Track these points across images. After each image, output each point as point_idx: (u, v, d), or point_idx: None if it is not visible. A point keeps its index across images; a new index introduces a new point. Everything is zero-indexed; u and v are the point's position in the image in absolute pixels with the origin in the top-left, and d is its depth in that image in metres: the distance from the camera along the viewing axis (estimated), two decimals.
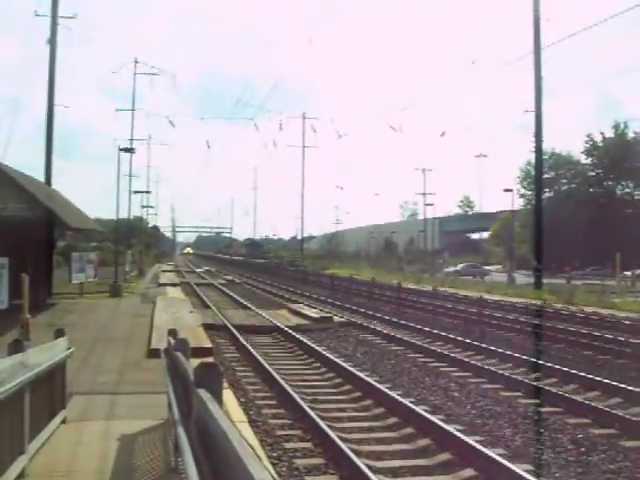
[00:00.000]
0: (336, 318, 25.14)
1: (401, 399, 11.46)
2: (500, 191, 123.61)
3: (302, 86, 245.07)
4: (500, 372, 14.80)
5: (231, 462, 2.39)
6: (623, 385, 13.08)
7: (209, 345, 16.11)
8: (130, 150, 45.02)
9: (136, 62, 53.07)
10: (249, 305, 29.69)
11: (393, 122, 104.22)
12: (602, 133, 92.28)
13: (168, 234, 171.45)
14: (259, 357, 15.80)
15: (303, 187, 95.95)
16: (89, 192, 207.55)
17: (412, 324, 23.25)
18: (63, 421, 8.34)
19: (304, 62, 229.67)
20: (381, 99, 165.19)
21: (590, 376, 13.97)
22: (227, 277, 59.01)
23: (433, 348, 18.25)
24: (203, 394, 3.73)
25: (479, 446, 8.66)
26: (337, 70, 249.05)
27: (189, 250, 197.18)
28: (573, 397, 12.26)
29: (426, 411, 10.83)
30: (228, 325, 21.53)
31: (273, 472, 7.29)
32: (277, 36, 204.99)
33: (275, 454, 8.69)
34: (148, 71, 53.97)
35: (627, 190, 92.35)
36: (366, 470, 7.64)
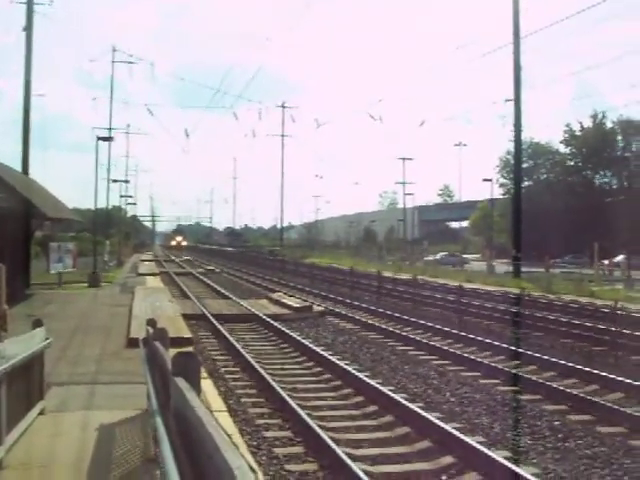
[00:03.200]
0: (316, 307, 25.15)
1: (380, 387, 11.49)
2: (480, 180, 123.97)
3: (281, 75, 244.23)
4: (479, 360, 14.88)
5: (209, 451, 2.39)
6: (600, 372, 13.22)
7: (188, 335, 16.05)
8: (108, 139, 44.77)
9: (114, 50, 52.70)
10: (229, 294, 29.64)
11: (373, 111, 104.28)
12: (581, 123, 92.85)
13: (147, 224, 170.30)
14: (239, 346, 15.78)
15: (282, 176, 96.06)
16: (67, 182, 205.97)
17: (392, 313, 23.31)
18: (41, 412, 8.29)
19: (284, 51, 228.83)
20: (361, 88, 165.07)
21: (569, 364, 14.08)
22: (207, 266, 58.85)
23: (412, 336, 18.31)
24: (181, 383, 3.71)
25: (458, 433, 8.70)
26: (317, 59, 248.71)
27: (180, 240, 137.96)
28: (551, 384, 12.36)
29: (405, 399, 10.87)
30: (207, 315, 21.48)
31: (251, 460, 7.30)
32: (257, 25, 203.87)
33: (255, 443, 8.69)
34: (126, 59, 53.55)
35: (605, 179, 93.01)
36: (345, 458, 7.66)
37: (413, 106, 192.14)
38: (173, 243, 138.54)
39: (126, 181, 72.04)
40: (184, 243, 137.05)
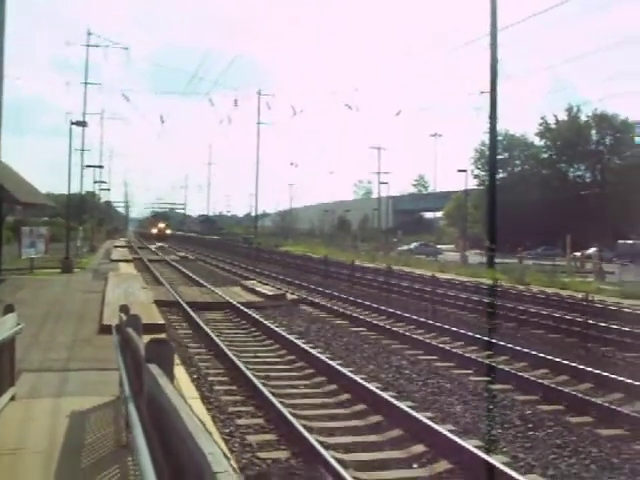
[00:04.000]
0: (289, 295, 25.17)
1: (353, 376, 11.53)
2: (454, 171, 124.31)
3: (258, 63, 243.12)
4: (452, 350, 14.97)
5: (182, 437, 2.39)
6: (571, 363, 13.37)
7: (161, 321, 16.01)
8: (82, 124, 44.39)
9: (89, 34, 52.20)
10: (202, 282, 29.54)
11: (349, 100, 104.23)
12: (555, 116, 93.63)
13: (121, 210, 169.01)
14: (212, 334, 15.75)
15: (258, 164, 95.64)
16: (42, 166, 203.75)
17: (365, 302, 23.37)
18: (12, 398, 8.23)
19: (261, 38, 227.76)
20: (337, 77, 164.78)
21: (540, 354, 14.21)
22: (180, 254, 58.62)
23: (386, 325, 18.38)
24: (154, 370, 3.70)
25: (430, 422, 8.77)
26: (294, 47, 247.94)
27: (163, 227, 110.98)
28: (523, 374, 12.49)
29: (378, 388, 10.92)
30: (181, 302, 21.41)
31: (224, 447, 7.30)
32: (234, 12, 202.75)
33: (227, 430, 8.70)
34: (102, 43, 53.03)
35: (579, 173, 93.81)
36: (318, 446, 7.70)
37: (389, 96, 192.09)
38: (154, 231, 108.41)
39: (100, 166, 71.38)
40: (168, 231, 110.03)
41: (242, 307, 20.64)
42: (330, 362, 12.71)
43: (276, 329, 16.79)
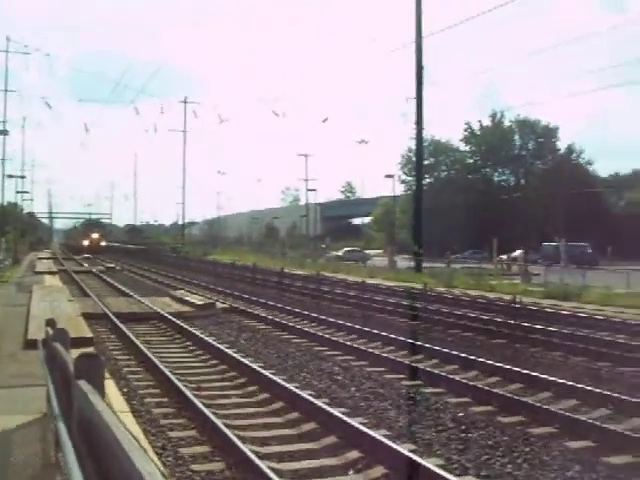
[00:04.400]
0: (219, 304, 24.97)
1: (286, 384, 11.47)
2: (382, 177, 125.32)
3: (184, 70, 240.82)
4: (383, 355, 15.03)
5: (117, 456, 2.30)
6: (500, 364, 13.58)
7: (89, 335, 15.66)
8: (3, 132, 43.32)
9: (8, 40, 51.00)
10: (130, 292, 29.07)
11: (275, 107, 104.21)
12: (480, 121, 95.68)
13: (45, 221, 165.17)
14: (141, 345, 15.49)
15: (184, 172, 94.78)
16: None
17: (295, 309, 23.34)
18: None
19: (186, 46, 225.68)
20: (264, 84, 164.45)
21: (470, 357, 14.39)
22: (107, 264, 57.64)
23: (317, 332, 18.37)
24: (84, 386, 3.59)
25: (364, 428, 8.77)
26: (219, 54, 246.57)
27: (97, 238, 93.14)
28: (453, 377, 12.62)
29: (311, 395, 10.88)
30: (108, 313, 21.01)
31: (160, 465, 7.17)
32: (160, 18, 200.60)
33: (160, 444, 8.53)
34: (21, 50, 51.88)
35: (503, 177, 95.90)
36: (252, 456, 7.61)
37: (316, 103, 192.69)
38: (85, 242, 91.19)
39: (22, 177, 69.82)
40: (103, 243, 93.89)
41: (171, 317, 20.37)
42: (262, 371, 12.63)
43: (206, 339, 16.61)
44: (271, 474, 7.06)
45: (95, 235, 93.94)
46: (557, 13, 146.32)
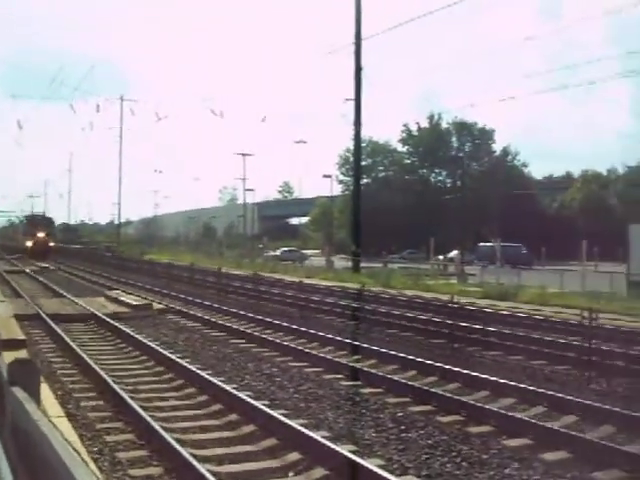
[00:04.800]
0: (156, 305, 24.67)
1: (224, 385, 11.36)
2: (320, 177, 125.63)
3: (122, 68, 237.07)
4: (322, 355, 15.02)
5: (54, 468, 2.20)
6: (438, 364, 13.69)
7: (22, 337, 15.28)
8: None
9: None
10: (64, 293, 28.51)
11: (214, 106, 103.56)
12: (418, 123, 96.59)
13: None
14: (76, 347, 15.17)
15: (120, 171, 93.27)
16: None
17: (233, 309, 23.19)
18: None
19: (124, 44, 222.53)
20: (202, 83, 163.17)
21: (409, 356, 14.48)
22: (40, 264, 56.43)
23: (255, 333, 18.28)
24: (19, 394, 3.45)
25: (303, 429, 8.73)
26: (157, 53, 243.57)
27: (43, 237, 74.82)
28: (392, 377, 12.68)
29: (250, 397, 10.80)
30: (42, 314, 20.56)
31: (93, 467, 7.00)
32: (98, 14, 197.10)
33: (96, 448, 8.34)
34: None
35: (440, 178, 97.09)
36: (191, 459, 7.49)
37: (255, 102, 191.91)
38: (28, 243, 73.43)
39: None
40: (51, 243, 76.00)
41: (107, 318, 20.03)
42: (200, 372, 12.48)
43: (143, 340, 16.36)
44: (211, 477, 6.96)
45: (41, 234, 73.92)
46: (495, 18, 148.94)
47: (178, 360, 13.73)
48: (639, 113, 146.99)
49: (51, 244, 75.53)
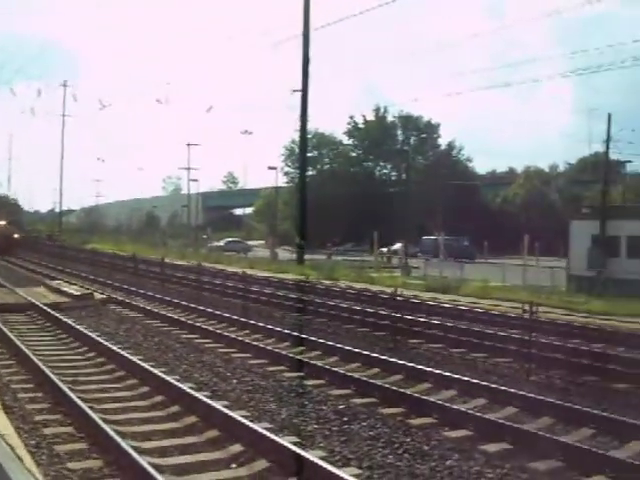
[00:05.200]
0: (97, 295, 24.32)
1: (166, 377, 11.25)
2: (265, 168, 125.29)
3: (64, 53, 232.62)
4: (265, 347, 14.99)
5: None
6: (381, 356, 13.79)
7: None
8: None
9: None
10: (3, 282, 27.93)
11: (160, 94, 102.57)
12: (363, 116, 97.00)
13: None
14: (14, 338, 14.85)
15: (62, 158, 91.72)
16: None
17: (176, 300, 22.99)
18: None
19: (70, 28, 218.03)
20: (147, 71, 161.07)
21: (352, 349, 14.52)
22: None
23: (198, 324, 18.15)
24: None
25: (246, 421, 8.68)
26: (104, 37, 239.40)
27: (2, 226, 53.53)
28: (335, 369, 12.70)
29: (192, 388, 10.71)
30: None
31: (30, 462, 6.87)
32: None
33: (33, 442, 8.15)
34: None
35: (385, 171, 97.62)
36: (132, 452, 7.39)
37: (201, 91, 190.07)
38: None
39: None
40: (16, 235, 57.29)
41: (47, 308, 19.67)
42: (142, 363, 12.34)
43: (84, 330, 16.10)
44: (151, 470, 6.87)
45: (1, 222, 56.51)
46: (442, 14, 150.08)
47: (119, 351, 13.55)
48: (580, 111, 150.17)
49: (15, 235, 56.92)
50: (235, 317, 19.10)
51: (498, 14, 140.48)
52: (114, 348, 13.85)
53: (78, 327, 16.60)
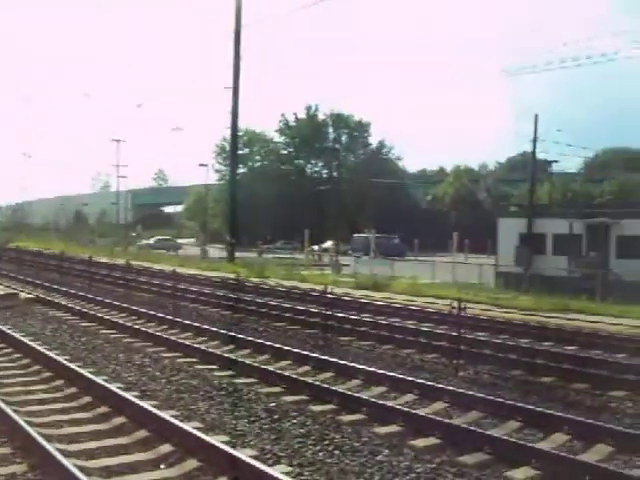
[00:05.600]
0: (23, 294, 23.78)
1: (94, 377, 11.05)
2: (195, 165, 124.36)
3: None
4: (195, 345, 14.86)
5: None
6: (312, 354, 13.82)
7: None
8: None
9: None
10: None
11: (87, 90, 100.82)
12: (295, 114, 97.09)
13: None
14: None
15: None
16: None
17: (104, 299, 22.62)
18: None
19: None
20: (75, 66, 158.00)
21: (283, 347, 14.52)
22: None
23: (126, 323, 17.89)
24: None
25: (175, 421, 8.59)
26: (28, 28, 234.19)
27: None
28: (266, 367, 12.67)
29: (120, 388, 10.55)
30: None
31: None
32: None
33: None
34: None
35: (316, 169, 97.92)
36: (58, 455, 7.22)
37: (130, 87, 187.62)
38: None
39: None
40: None
41: None
42: (68, 364, 12.09)
43: (8, 331, 15.71)
44: (78, 473, 6.74)
45: None
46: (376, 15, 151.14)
47: (45, 351, 13.25)
48: (512, 112, 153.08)
49: None
50: (164, 316, 18.88)
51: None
52: (39, 348, 13.53)
53: (1, 327, 16.20)
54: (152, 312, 19.55)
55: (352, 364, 12.89)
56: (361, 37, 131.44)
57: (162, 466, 7.60)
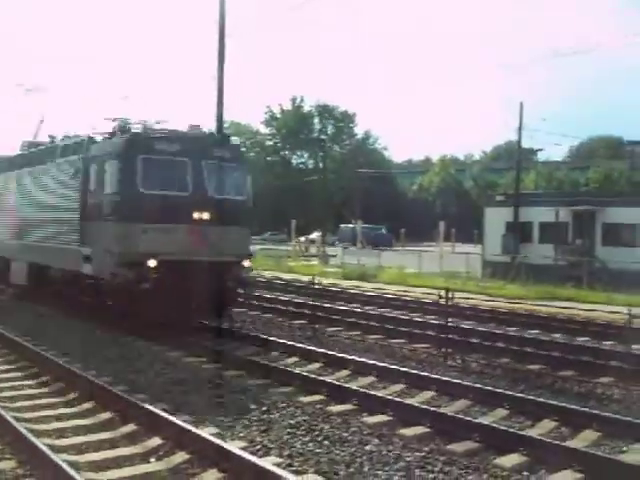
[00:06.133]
0: None
1: (82, 372, 11.00)
2: None
3: None
4: (182, 338, 14.79)
5: None
6: (300, 345, 13.82)
7: None
8: None
9: None
10: None
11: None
12: (281, 105, 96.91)
13: None
14: None
15: None
16: None
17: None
18: None
19: None
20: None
21: (272, 338, 14.52)
22: None
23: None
24: None
25: (164, 413, 8.57)
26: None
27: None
28: (254, 359, 12.66)
29: (108, 382, 10.51)
30: None
31: None
32: None
33: None
34: None
35: (302, 160, 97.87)
36: (47, 450, 7.20)
37: (115, 79, 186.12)
38: None
39: None
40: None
41: None
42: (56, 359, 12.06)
43: None
44: (67, 468, 6.71)
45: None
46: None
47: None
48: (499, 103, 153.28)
49: None
50: None
51: None
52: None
53: None
54: None
55: (340, 354, 12.91)
56: (347, 30, 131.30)
57: (151, 460, 7.57)
